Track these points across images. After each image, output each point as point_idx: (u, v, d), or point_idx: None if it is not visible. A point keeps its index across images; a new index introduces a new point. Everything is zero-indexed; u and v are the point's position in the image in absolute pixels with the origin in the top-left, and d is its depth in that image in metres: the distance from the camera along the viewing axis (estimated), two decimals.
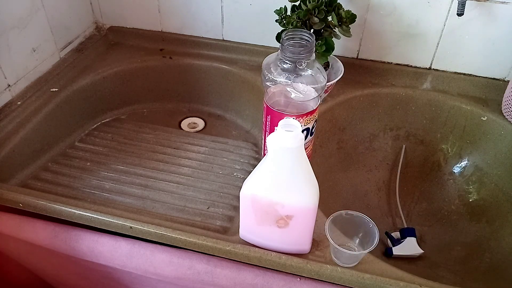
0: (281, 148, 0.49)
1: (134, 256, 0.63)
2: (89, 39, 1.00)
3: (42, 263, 0.74)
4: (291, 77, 0.61)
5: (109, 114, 0.95)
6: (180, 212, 0.71)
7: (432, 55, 0.87)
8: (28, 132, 0.76)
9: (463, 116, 0.83)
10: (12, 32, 0.77)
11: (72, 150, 0.84)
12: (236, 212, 0.66)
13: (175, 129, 0.93)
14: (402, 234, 0.73)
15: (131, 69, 0.95)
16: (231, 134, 0.92)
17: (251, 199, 0.53)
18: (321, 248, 0.58)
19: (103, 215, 0.61)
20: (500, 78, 0.86)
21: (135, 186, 0.76)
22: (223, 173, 0.79)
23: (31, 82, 0.84)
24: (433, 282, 0.54)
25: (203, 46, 0.98)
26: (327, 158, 0.81)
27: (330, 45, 0.76)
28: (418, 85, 0.88)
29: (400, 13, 0.83)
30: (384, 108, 0.87)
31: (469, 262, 0.71)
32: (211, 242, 0.58)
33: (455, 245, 0.74)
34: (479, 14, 0.80)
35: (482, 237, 0.74)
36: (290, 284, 0.58)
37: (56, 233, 0.66)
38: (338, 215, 0.57)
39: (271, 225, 0.54)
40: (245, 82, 0.92)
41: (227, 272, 0.60)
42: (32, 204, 0.64)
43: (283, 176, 0.51)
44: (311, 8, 0.72)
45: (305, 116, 0.62)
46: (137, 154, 0.83)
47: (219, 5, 0.92)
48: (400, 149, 0.88)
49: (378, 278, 0.54)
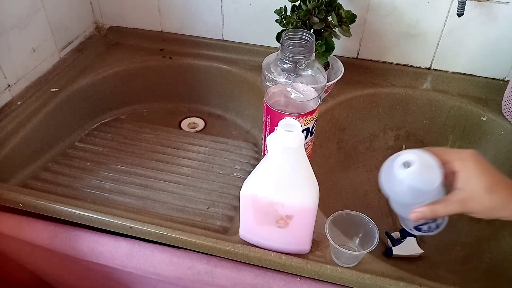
0: (281, 148, 0.49)
1: (134, 256, 0.63)
2: (89, 39, 1.00)
3: (42, 263, 0.74)
4: (291, 77, 0.61)
5: (109, 114, 0.95)
6: (180, 212, 0.71)
7: (432, 55, 0.87)
8: (28, 132, 0.76)
9: (463, 116, 0.83)
10: (12, 32, 0.77)
11: (72, 150, 0.84)
12: (236, 212, 0.66)
13: (175, 129, 0.93)
14: (402, 234, 0.73)
15: (131, 69, 0.95)
16: (231, 134, 0.92)
17: (251, 199, 0.53)
18: (321, 248, 0.58)
19: (103, 215, 0.61)
20: (500, 78, 0.86)
21: (135, 186, 0.76)
22: (223, 173, 0.79)
23: (31, 82, 0.84)
24: (433, 282, 0.54)
25: (203, 46, 0.98)
26: (327, 158, 0.81)
27: (330, 45, 0.76)
28: (418, 85, 0.88)
29: (400, 13, 0.83)
30: (384, 108, 0.87)
31: (469, 262, 0.71)
32: (211, 242, 0.58)
33: (455, 245, 0.74)
34: (479, 14, 0.80)
35: (482, 237, 0.74)
36: (290, 284, 0.58)
37: (56, 233, 0.66)
38: (338, 215, 0.57)
39: (271, 225, 0.54)
40: (245, 82, 0.92)
41: (227, 272, 0.60)
42: (32, 204, 0.64)
43: (283, 176, 0.51)
44: (311, 8, 0.72)
45: (305, 116, 0.62)
46: (137, 154, 0.83)
47: (219, 5, 0.92)
48: (400, 149, 0.87)
49: (378, 278, 0.54)
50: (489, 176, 0.49)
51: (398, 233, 0.73)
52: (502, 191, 0.49)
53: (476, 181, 0.49)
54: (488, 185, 0.48)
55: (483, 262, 0.70)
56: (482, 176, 0.49)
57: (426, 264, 0.70)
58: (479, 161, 0.50)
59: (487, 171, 0.49)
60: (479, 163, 0.50)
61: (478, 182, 0.49)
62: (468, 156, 0.50)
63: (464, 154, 0.50)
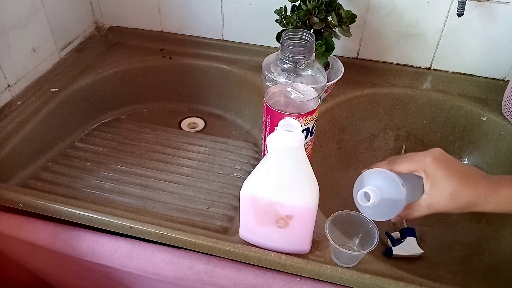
0: (281, 148, 0.49)
1: (134, 256, 0.63)
2: (89, 39, 1.00)
3: (42, 263, 0.74)
4: (291, 77, 0.61)
5: (109, 114, 0.95)
6: (180, 212, 0.71)
7: (432, 55, 0.87)
8: (28, 132, 0.76)
9: (463, 116, 0.83)
10: (12, 32, 0.77)
11: (72, 150, 0.84)
12: (236, 212, 0.66)
13: (175, 129, 0.93)
14: (402, 234, 0.73)
15: (131, 69, 0.95)
16: (231, 134, 0.92)
17: (251, 199, 0.53)
18: (321, 248, 0.58)
19: (103, 215, 0.62)
20: (500, 78, 0.86)
21: (135, 186, 0.76)
22: (223, 173, 0.79)
23: (31, 82, 0.84)
24: (433, 282, 0.54)
25: (203, 46, 0.98)
26: (327, 158, 0.81)
27: (330, 45, 0.76)
28: (418, 85, 0.88)
29: (400, 13, 0.83)
30: (384, 108, 0.87)
31: (469, 262, 0.71)
32: (211, 242, 0.58)
33: (455, 245, 0.74)
34: (479, 14, 0.80)
35: (482, 237, 0.74)
36: (290, 284, 0.58)
37: (56, 233, 0.66)
38: (338, 215, 0.57)
39: (271, 225, 0.54)
40: (245, 82, 0.92)
41: (227, 272, 0.60)
42: (32, 204, 0.64)
43: (283, 176, 0.51)
44: (311, 8, 0.72)
45: (305, 116, 0.62)
46: (137, 154, 0.83)
47: (219, 5, 0.92)
48: (400, 149, 0.88)
49: (378, 278, 0.54)
50: (452, 179, 0.52)
51: (398, 233, 0.73)
52: (466, 193, 0.51)
53: (440, 188, 0.53)
54: (451, 190, 0.52)
55: (483, 262, 0.70)
56: (445, 183, 0.52)
57: (426, 264, 0.70)
58: (441, 167, 0.53)
59: (451, 175, 0.52)
60: (441, 168, 0.52)
61: (442, 189, 0.52)
62: (429, 163, 0.53)
63: (426, 161, 0.53)
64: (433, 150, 0.55)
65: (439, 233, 0.76)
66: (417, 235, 0.73)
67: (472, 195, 0.51)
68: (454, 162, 0.54)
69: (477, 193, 0.51)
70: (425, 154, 0.54)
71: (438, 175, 0.52)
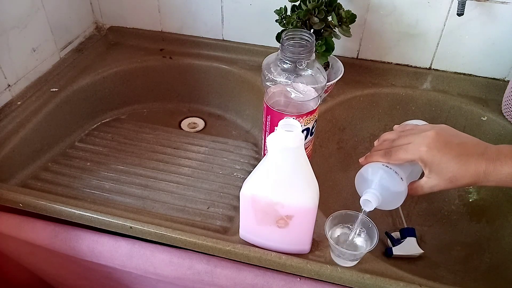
0: (281, 148, 0.49)
1: (134, 256, 0.63)
2: (89, 39, 1.00)
3: (42, 263, 0.74)
4: (291, 77, 0.61)
5: (109, 114, 0.95)
6: (180, 212, 0.71)
7: (432, 55, 0.87)
8: (28, 132, 0.76)
9: (463, 116, 0.83)
10: (12, 32, 0.77)
11: (72, 150, 0.84)
12: (236, 212, 0.66)
13: (175, 129, 0.93)
14: (402, 234, 0.73)
15: (131, 69, 0.95)
16: (231, 134, 0.92)
17: (251, 199, 0.53)
18: (321, 248, 0.58)
19: (103, 215, 0.61)
20: (500, 78, 0.86)
21: (135, 186, 0.76)
22: (223, 173, 0.79)
23: (31, 82, 0.84)
24: (433, 282, 0.54)
25: (203, 46, 0.98)
26: (327, 158, 0.81)
27: (330, 45, 0.76)
28: (418, 85, 0.88)
29: (400, 13, 0.83)
30: (384, 108, 0.87)
31: (469, 262, 0.71)
32: (211, 242, 0.58)
33: (455, 245, 0.74)
34: (479, 14, 0.80)
35: (482, 237, 0.74)
36: (290, 284, 0.58)
37: (56, 233, 0.66)
38: (338, 215, 0.57)
39: (271, 225, 0.54)
40: (245, 82, 0.92)
41: (227, 272, 0.60)
42: (32, 204, 0.64)
43: (283, 176, 0.51)
44: (311, 8, 0.72)
45: (305, 116, 0.62)
46: (137, 154, 0.83)
47: (219, 5, 0.92)
48: None
49: (378, 278, 0.54)
50: (449, 165, 0.53)
51: (398, 233, 0.73)
52: (465, 176, 0.53)
53: (439, 174, 0.54)
54: (450, 175, 0.53)
55: (483, 262, 0.70)
56: (442, 170, 0.54)
57: (426, 264, 0.70)
58: (436, 155, 0.54)
59: (448, 161, 0.53)
60: (437, 156, 0.54)
61: (440, 175, 0.54)
62: (424, 153, 0.54)
63: (421, 151, 0.55)
64: (427, 135, 0.55)
65: (439, 233, 0.76)
66: (417, 235, 0.73)
67: (472, 177, 0.53)
68: (450, 144, 0.54)
69: (476, 174, 0.52)
70: (420, 141, 0.55)
71: (435, 164, 0.54)
